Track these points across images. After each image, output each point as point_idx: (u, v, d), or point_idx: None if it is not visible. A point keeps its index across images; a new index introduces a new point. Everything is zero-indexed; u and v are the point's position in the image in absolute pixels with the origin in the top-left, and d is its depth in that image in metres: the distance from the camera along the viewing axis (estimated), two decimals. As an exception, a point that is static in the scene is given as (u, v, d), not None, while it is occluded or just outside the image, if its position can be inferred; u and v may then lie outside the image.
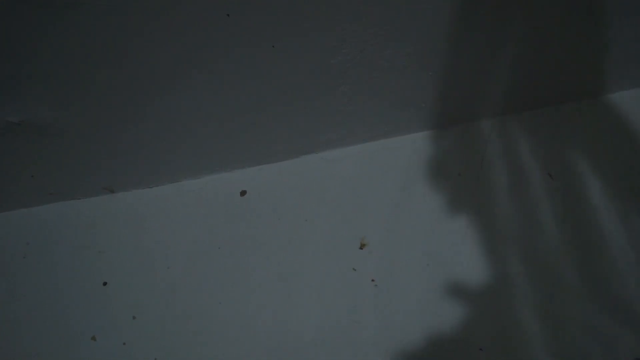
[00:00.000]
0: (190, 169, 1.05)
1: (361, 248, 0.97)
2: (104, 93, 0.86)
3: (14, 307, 0.98)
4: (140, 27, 0.77)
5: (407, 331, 0.89)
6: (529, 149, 1.03)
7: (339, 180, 1.04)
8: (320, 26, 0.83)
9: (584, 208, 0.97)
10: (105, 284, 0.98)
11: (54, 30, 0.75)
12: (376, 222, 0.99)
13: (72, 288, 0.98)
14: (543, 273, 0.92)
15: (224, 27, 0.80)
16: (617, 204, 0.96)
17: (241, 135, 1.00)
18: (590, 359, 0.86)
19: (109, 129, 0.93)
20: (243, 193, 1.05)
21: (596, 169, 1.00)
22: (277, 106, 0.95)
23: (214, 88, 0.89)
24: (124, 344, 0.93)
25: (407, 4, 0.82)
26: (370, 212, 1.00)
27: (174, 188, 1.06)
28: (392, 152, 1.06)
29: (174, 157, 1.01)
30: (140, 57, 0.82)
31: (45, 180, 1.01)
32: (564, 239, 0.94)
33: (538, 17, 0.89)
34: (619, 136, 1.03)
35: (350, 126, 1.03)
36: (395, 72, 0.94)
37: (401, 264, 0.95)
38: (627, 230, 0.94)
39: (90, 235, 1.03)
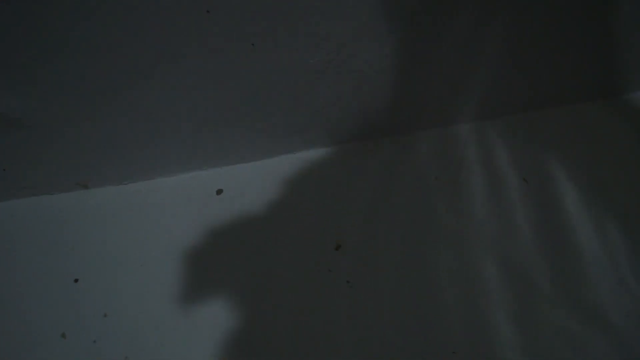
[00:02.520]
0: (165, 167, 1.04)
1: (337, 249, 0.97)
2: (79, 87, 0.85)
3: (-18, 303, 0.96)
4: (117, 20, 0.77)
5: (381, 333, 0.89)
6: (505, 153, 1.04)
7: (316, 181, 1.04)
8: (300, 25, 0.83)
9: (558, 213, 0.98)
10: (76, 280, 0.97)
11: (27, 21, 0.74)
12: (352, 223, 0.99)
13: (43, 284, 0.97)
14: (517, 277, 0.92)
15: (203, 23, 0.79)
16: (591, 210, 0.97)
17: (218, 133, 0.99)
18: (561, 363, 0.87)
19: (84, 124, 0.92)
20: (219, 192, 1.04)
21: (571, 174, 1.02)
22: (254, 105, 0.95)
23: (191, 85, 0.89)
24: (95, 341, 0.92)
25: (385, 7, 0.82)
26: (346, 214, 1.00)
27: (149, 185, 1.05)
28: (369, 154, 1.06)
29: (149, 154, 1.00)
30: (116, 52, 0.81)
31: (17, 173, 1.00)
32: (538, 243, 0.95)
33: (516, 24, 0.90)
34: (594, 143, 1.05)
35: (328, 126, 1.03)
36: (373, 74, 0.94)
37: (376, 266, 0.95)
38: (601, 236, 0.95)
39: (62, 231, 1.01)
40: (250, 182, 1.05)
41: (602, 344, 0.86)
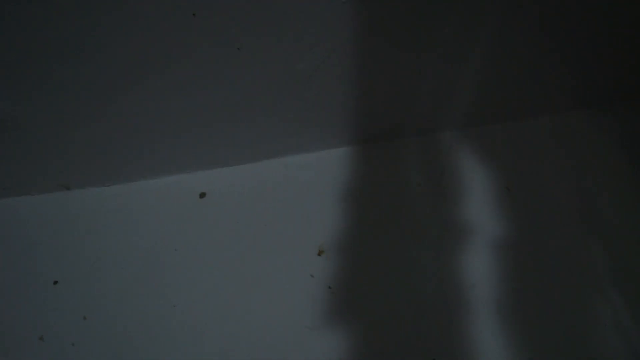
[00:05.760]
0: (148, 169, 1.03)
1: (319, 254, 0.97)
2: (64, 88, 0.84)
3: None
4: (103, 23, 0.76)
5: (362, 339, 0.89)
6: (488, 162, 1.05)
7: (299, 186, 1.04)
8: (287, 30, 0.83)
9: (539, 222, 0.99)
10: (55, 282, 0.96)
11: (13, 22, 0.73)
12: (335, 228, 0.99)
13: (21, 285, 0.96)
14: (498, 285, 0.93)
15: (189, 26, 0.79)
16: (572, 218, 0.99)
17: (202, 137, 0.99)
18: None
19: (67, 125, 0.91)
20: (202, 195, 1.04)
21: (552, 184, 1.03)
22: (239, 109, 0.95)
23: (176, 88, 0.88)
24: (73, 344, 0.91)
25: (373, 17, 0.83)
26: (329, 219, 1.00)
27: (132, 187, 1.04)
28: (353, 160, 1.06)
29: (132, 156, 1.00)
30: (101, 54, 0.80)
31: (-1, 174, 0.99)
32: (519, 252, 0.96)
33: (500, 35, 0.91)
34: (576, 152, 1.06)
35: (312, 132, 1.03)
36: (359, 81, 0.94)
37: (358, 271, 0.95)
38: (582, 245, 0.96)
39: (43, 232, 1.00)
40: (233, 186, 1.04)
41: (582, 352, 0.88)
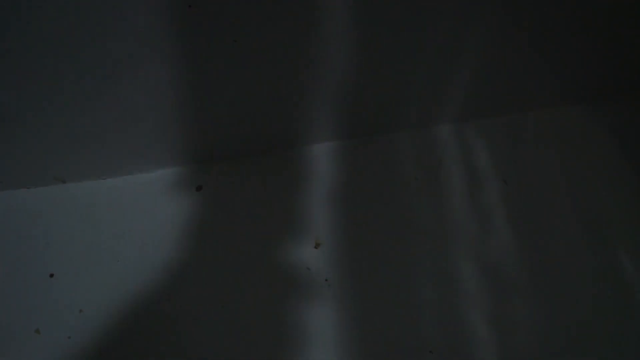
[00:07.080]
0: (144, 162, 1.03)
1: (316, 247, 0.97)
2: (59, 81, 0.84)
3: (-46, 297, 0.95)
4: (97, 14, 0.76)
5: (358, 332, 0.89)
6: (485, 155, 1.05)
7: (297, 179, 1.04)
8: (282, 23, 0.83)
9: (536, 215, 0.99)
10: (51, 275, 0.95)
11: (7, 14, 0.73)
12: (332, 221, 0.99)
13: (17, 278, 0.95)
14: (494, 278, 0.93)
15: (185, 18, 0.79)
16: (569, 211, 0.99)
17: (198, 129, 0.99)
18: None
19: (63, 118, 0.91)
20: (199, 188, 1.04)
21: (549, 177, 1.03)
22: (236, 101, 0.95)
23: (172, 80, 0.88)
24: (69, 337, 0.90)
25: (368, 10, 0.83)
26: (326, 212, 1.00)
27: (127, 180, 1.04)
28: (350, 153, 1.06)
29: (128, 149, 0.99)
30: (97, 46, 0.80)
31: (-7, 166, 0.98)
32: (517, 244, 0.96)
33: (498, 28, 0.91)
34: (573, 146, 1.06)
35: (309, 125, 1.03)
36: (356, 73, 0.94)
37: (355, 264, 0.95)
38: (579, 237, 0.96)
39: (38, 226, 1.00)
40: (230, 179, 1.04)
41: (576, 343, 0.88)
